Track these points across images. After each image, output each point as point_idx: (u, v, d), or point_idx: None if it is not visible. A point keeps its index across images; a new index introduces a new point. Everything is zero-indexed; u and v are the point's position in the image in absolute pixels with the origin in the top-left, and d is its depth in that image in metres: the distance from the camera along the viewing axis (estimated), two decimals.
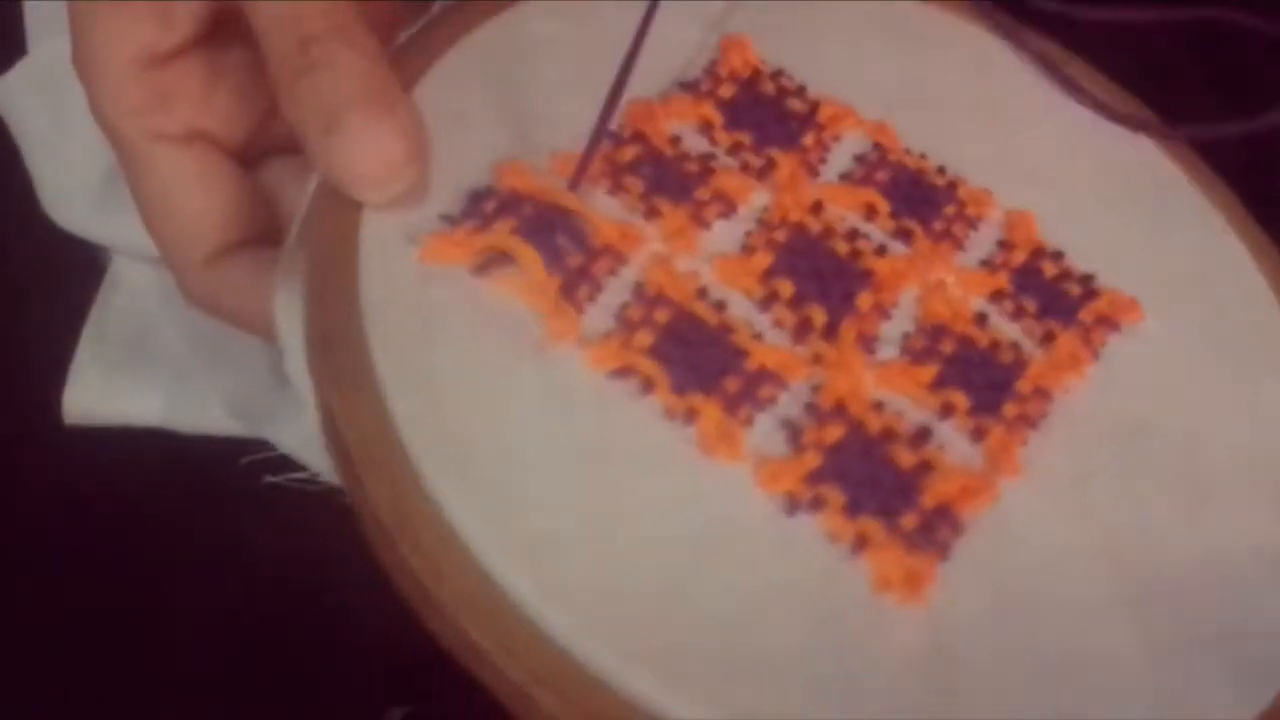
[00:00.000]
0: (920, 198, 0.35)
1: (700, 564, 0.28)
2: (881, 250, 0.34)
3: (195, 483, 0.41)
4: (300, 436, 0.41)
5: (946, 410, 0.32)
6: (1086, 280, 0.35)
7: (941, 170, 0.36)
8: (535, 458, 0.29)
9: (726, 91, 0.35)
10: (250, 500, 0.41)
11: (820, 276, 0.33)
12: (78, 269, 0.42)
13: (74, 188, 0.41)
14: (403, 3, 0.34)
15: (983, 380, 0.33)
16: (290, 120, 0.31)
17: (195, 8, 0.33)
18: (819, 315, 0.32)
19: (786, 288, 0.32)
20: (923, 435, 0.31)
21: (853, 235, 0.34)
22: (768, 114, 0.35)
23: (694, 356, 0.31)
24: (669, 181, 0.33)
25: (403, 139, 0.30)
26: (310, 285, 0.30)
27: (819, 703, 0.27)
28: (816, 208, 0.34)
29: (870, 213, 0.34)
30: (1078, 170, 0.37)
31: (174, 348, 0.41)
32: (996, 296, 0.34)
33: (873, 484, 0.30)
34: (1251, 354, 0.36)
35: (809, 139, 0.35)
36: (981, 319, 0.34)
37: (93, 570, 0.41)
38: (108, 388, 0.40)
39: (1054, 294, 0.35)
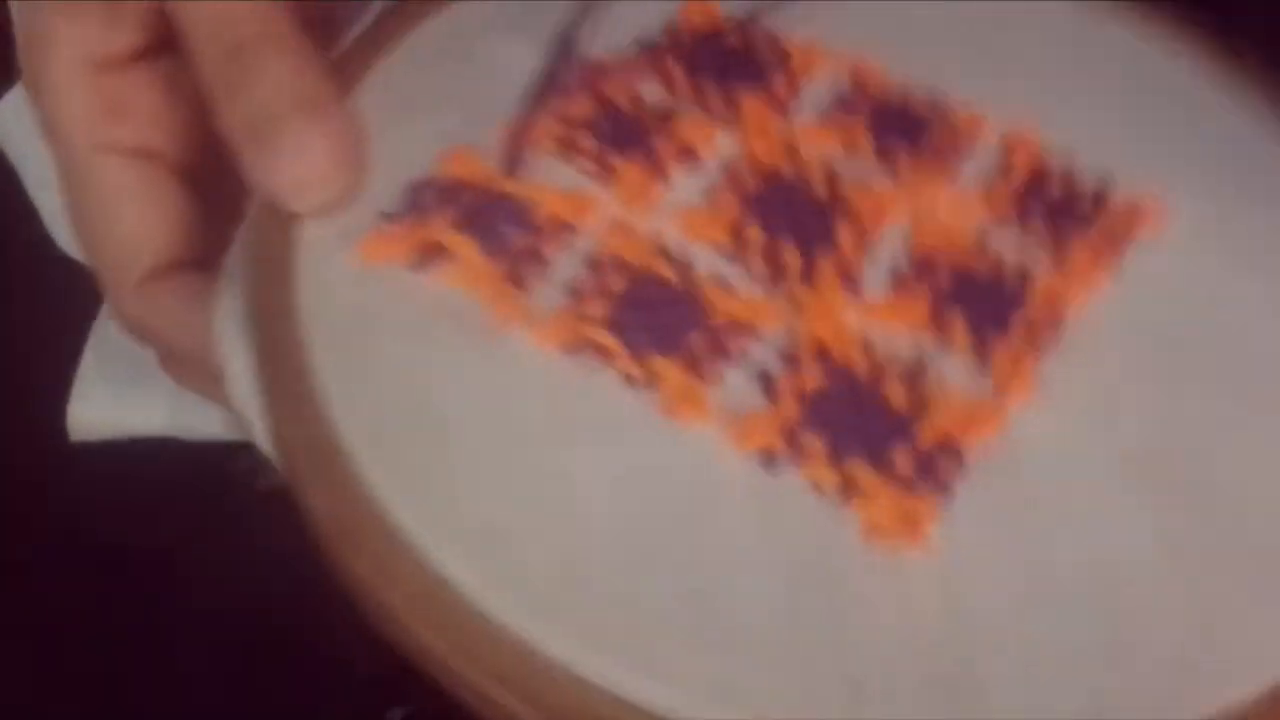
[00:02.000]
0: (906, 127, 0.32)
1: (667, 536, 0.26)
2: (863, 184, 0.31)
3: (194, 485, 0.41)
4: None
5: (944, 341, 0.29)
6: (1097, 194, 0.32)
7: (928, 97, 0.33)
8: (482, 446, 0.27)
9: (687, 46, 0.33)
10: (249, 502, 0.39)
11: (794, 217, 0.30)
12: (80, 286, 0.41)
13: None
14: (342, 1, 0.33)
15: (985, 304, 0.30)
16: (226, 135, 0.30)
17: (143, 10, 0.32)
18: (793, 259, 0.30)
19: (756, 234, 0.30)
20: (918, 370, 0.29)
21: (830, 175, 0.31)
22: (732, 60, 0.33)
23: (653, 319, 0.29)
24: (624, 135, 0.31)
25: (329, 146, 0.29)
26: (248, 299, 0.29)
27: (811, 673, 0.25)
28: (790, 150, 0.32)
29: (850, 148, 0.32)
30: (1072, 71, 0.34)
31: None
32: (996, 219, 0.31)
33: (860, 428, 0.28)
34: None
35: (778, 79, 0.33)
36: (980, 244, 0.31)
37: (93, 574, 0.40)
38: (112, 401, 0.39)
39: (1061, 211, 0.31)
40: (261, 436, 0.29)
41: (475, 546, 0.26)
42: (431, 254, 0.29)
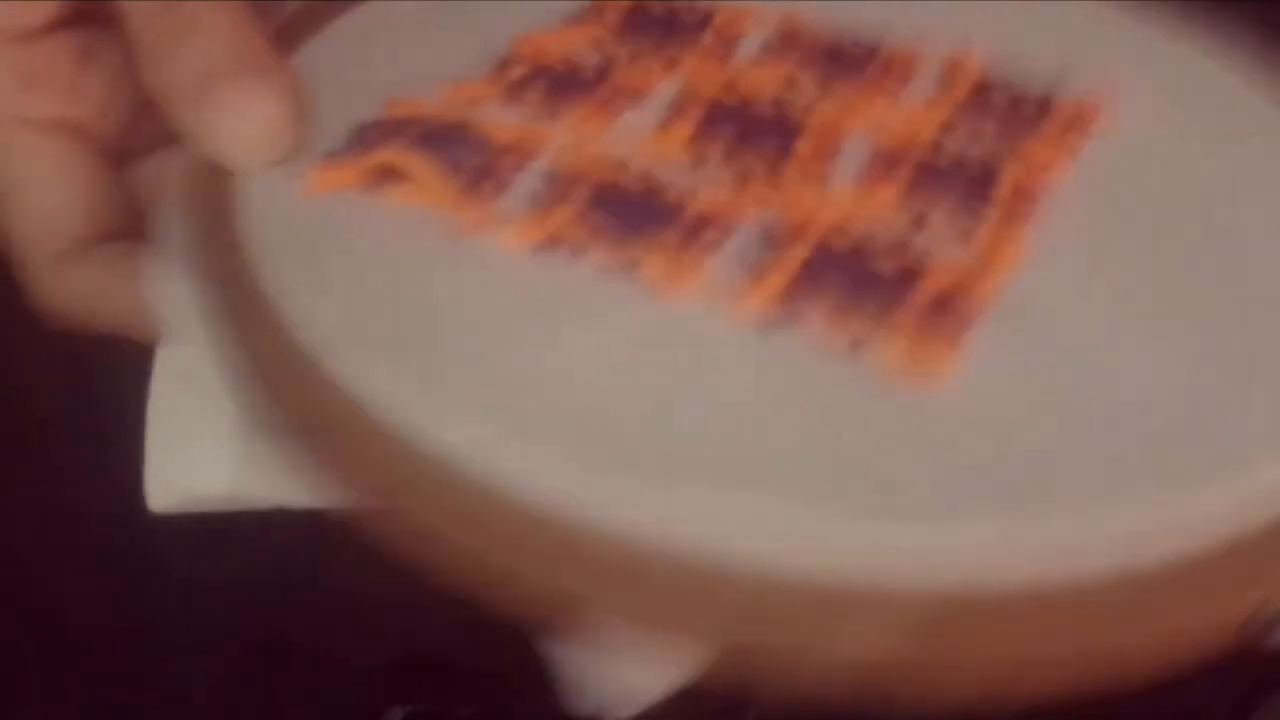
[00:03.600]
0: (843, 63, 0.32)
1: (674, 393, 0.24)
2: (810, 109, 0.31)
3: None
4: None
5: (920, 221, 0.28)
6: (1043, 99, 0.32)
7: (862, 40, 0.33)
8: (463, 336, 0.25)
9: (613, 17, 0.33)
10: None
11: (749, 135, 0.30)
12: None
13: None
14: None
15: (955, 191, 0.29)
16: (156, 89, 0.29)
17: None
18: (756, 165, 0.29)
19: (715, 148, 0.29)
20: (900, 246, 0.28)
21: (778, 101, 0.31)
22: (661, 26, 0.33)
23: (624, 219, 0.28)
24: (567, 87, 0.31)
25: (275, 103, 0.28)
26: (189, 250, 0.28)
27: (840, 487, 0.23)
28: (730, 86, 0.31)
29: (791, 84, 0.32)
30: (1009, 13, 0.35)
31: (232, 413, 0.38)
32: (946, 128, 0.31)
33: (855, 294, 0.26)
34: (1228, 127, 0.32)
35: (709, 38, 0.33)
36: (937, 146, 0.31)
37: (93, 573, 0.40)
38: (176, 464, 0.37)
39: (1009, 116, 0.32)
40: (208, 388, 0.27)
41: (474, 424, 0.24)
42: (383, 177, 0.28)
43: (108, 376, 0.41)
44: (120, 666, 0.41)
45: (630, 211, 0.28)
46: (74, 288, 0.30)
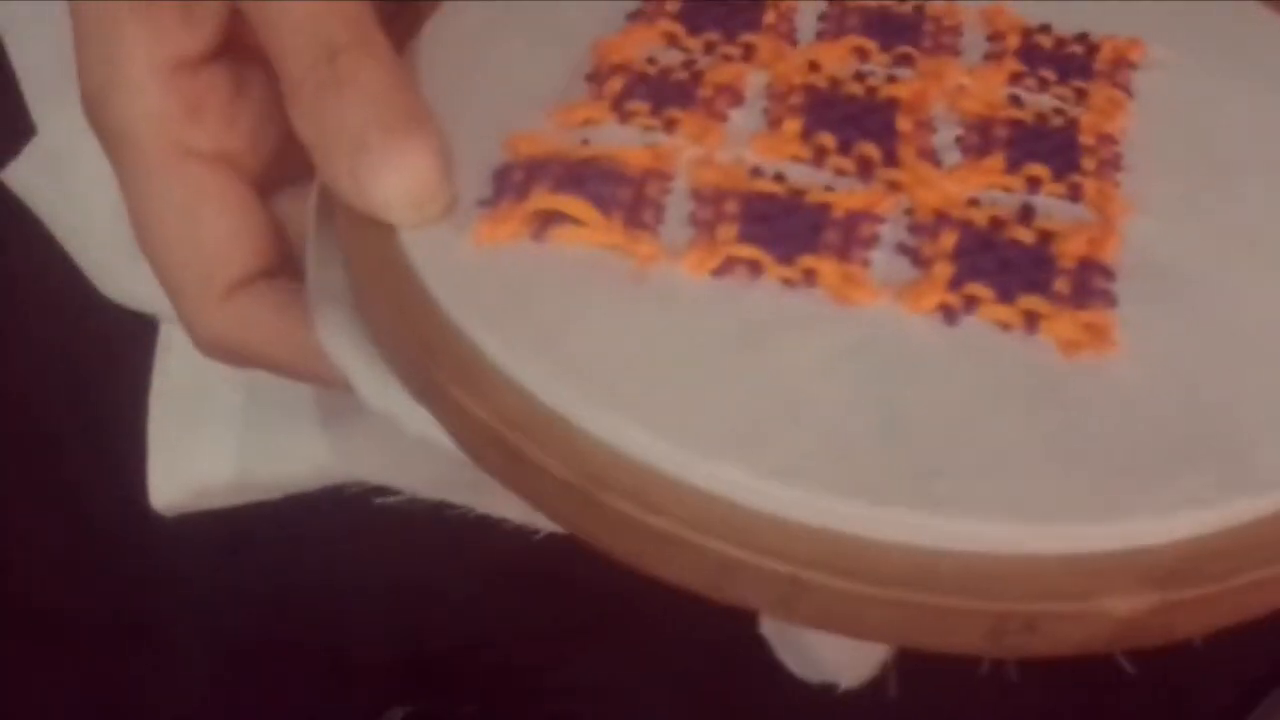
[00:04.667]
0: (898, 26, 0.34)
1: (896, 399, 0.27)
2: (892, 79, 0.33)
3: None
4: (386, 462, 0.38)
5: (1034, 184, 0.31)
6: (1082, 37, 0.35)
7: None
8: (693, 371, 0.27)
9: (673, 6, 0.34)
10: (252, 503, 0.39)
11: (853, 120, 0.32)
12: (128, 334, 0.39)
13: (110, 260, 0.38)
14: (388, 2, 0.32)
15: (1049, 148, 0.32)
16: (308, 139, 0.29)
17: (217, 8, 0.30)
18: (872, 150, 0.31)
19: (828, 140, 0.31)
20: (1027, 212, 0.30)
21: (860, 76, 0.33)
22: (721, 10, 0.34)
23: (782, 228, 0.29)
24: (668, 93, 0.32)
25: (436, 157, 0.29)
26: (373, 302, 0.28)
27: (1072, 473, 0.26)
28: (813, 67, 0.33)
29: (862, 55, 0.33)
30: None
31: (235, 400, 0.38)
32: (1015, 80, 0.33)
33: (1011, 268, 0.29)
34: (1266, 56, 0.35)
35: (770, 16, 0.34)
36: (1015, 101, 0.33)
37: (93, 571, 0.40)
38: (180, 458, 0.37)
39: (1062, 59, 0.34)
40: (419, 428, 0.28)
41: (734, 451, 0.25)
42: (547, 221, 0.29)
43: (107, 377, 0.40)
44: (120, 665, 0.41)
45: (785, 220, 0.29)
46: (245, 326, 0.30)
